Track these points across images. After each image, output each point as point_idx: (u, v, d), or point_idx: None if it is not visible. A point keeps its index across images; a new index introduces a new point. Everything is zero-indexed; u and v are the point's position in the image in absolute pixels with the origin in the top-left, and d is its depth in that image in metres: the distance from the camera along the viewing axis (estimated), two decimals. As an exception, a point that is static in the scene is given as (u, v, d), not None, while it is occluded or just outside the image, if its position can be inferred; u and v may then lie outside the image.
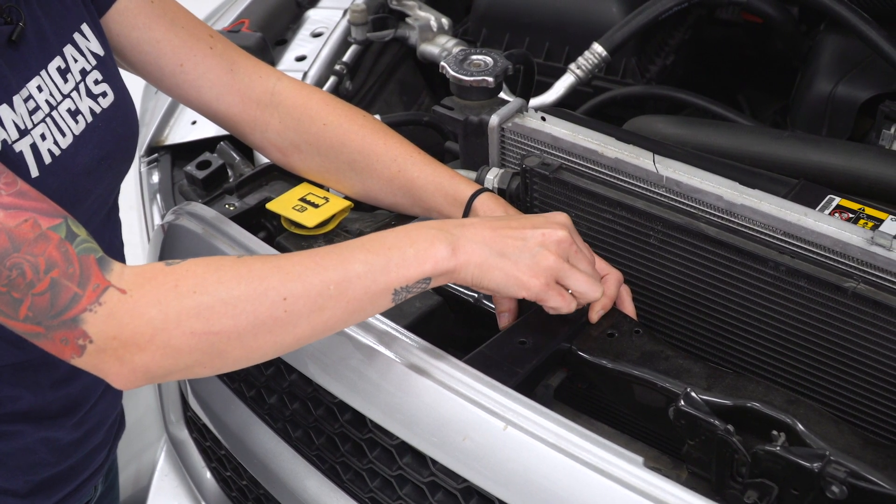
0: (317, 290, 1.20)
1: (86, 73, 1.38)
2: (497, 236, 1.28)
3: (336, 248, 1.24)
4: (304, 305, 1.19)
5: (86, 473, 1.61)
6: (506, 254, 1.28)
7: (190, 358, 1.17)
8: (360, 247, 1.24)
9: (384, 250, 1.23)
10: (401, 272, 1.23)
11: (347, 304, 1.22)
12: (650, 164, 1.45)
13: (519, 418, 1.23)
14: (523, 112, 1.61)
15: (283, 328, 1.20)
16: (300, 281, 1.19)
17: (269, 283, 1.18)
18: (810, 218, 1.33)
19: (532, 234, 1.30)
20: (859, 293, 1.27)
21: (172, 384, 1.89)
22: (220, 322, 1.16)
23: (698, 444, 1.26)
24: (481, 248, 1.27)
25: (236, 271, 1.18)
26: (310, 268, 1.20)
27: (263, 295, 1.17)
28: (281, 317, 1.18)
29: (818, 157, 1.72)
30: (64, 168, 1.31)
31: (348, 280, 1.21)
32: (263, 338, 1.20)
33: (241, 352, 1.20)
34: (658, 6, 1.99)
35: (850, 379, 1.32)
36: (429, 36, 2.15)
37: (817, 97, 2.03)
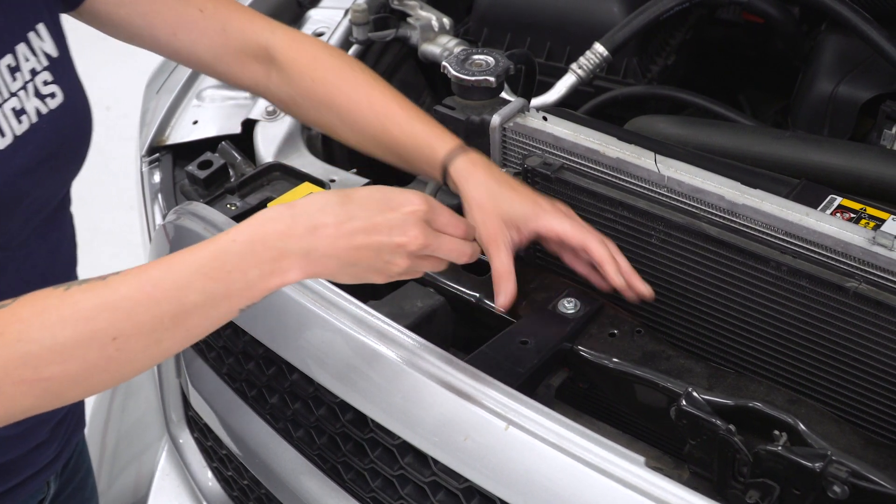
0: (150, 327, 1.12)
1: (36, 73, 1.35)
2: (349, 248, 1.19)
3: (171, 273, 1.13)
4: (138, 343, 1.12)
5: (29, 471, 1.57)
6: (357, 264, 1.21)
7: (26, 402, 1.11)
8: (199, 271, 1.13)
9: (224, 275, 1.13)
10: (244, 294, 1.15)
11: (187, 332, 1.15)
12: (652, 163, 1.45)
13: (521, 418, 1.23)
14: (525, 112, 1.61)
15: (118, 366, 1.13)
16: (130, 320, 1.11)
17: (97, 325, 1.09)
18: (812, 218, 1.34)
19: (386, 243, 1.20)
20: (861, 293, 1.27)
21: (174, 384, 1.89)
22: (48, 369, 1.09)
23: (700, 444, 1.27)
24: (332, 261, 1.19)
25: (61, 314, 1.09)
26: (141, 303, 1.11)
27: (91, 338, 1.09)
28: (113, 356, 1.11)
29: (819, 157, 1.72)
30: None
31: (185, 312, 1.12)
32: (99, 377, 1.13)
33: (78, 391, 1.14)
34: (659, 6, 1.99)
35: (852, 379, 1.32)
36: (430, 36, 2.15)
37: (818, 97, 2.03)
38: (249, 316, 1.50)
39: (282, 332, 1.48)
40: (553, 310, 1.43)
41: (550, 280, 1.50)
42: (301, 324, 1.44)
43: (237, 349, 1.62)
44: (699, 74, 2.50)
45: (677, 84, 2.28)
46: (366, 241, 1.19)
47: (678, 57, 2.33)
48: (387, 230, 1.20)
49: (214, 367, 1.70)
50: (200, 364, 1.74)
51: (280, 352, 1.50)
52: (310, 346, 1.44)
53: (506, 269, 1.43)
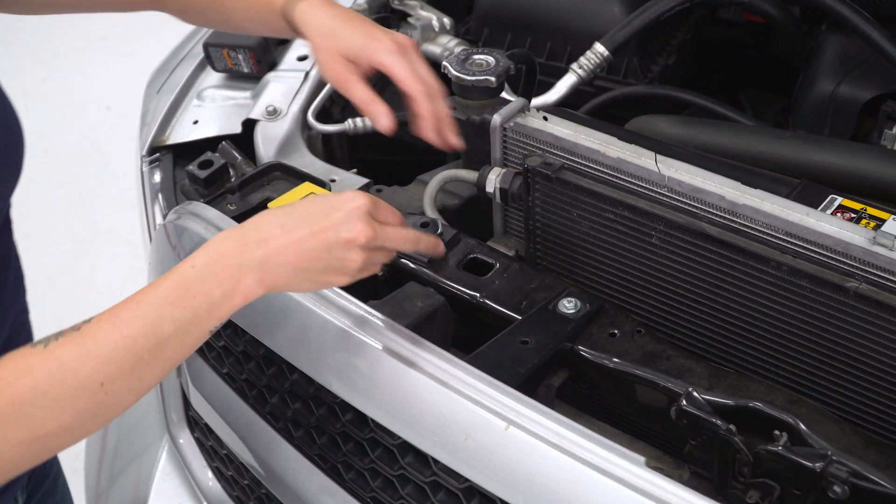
0: (131, 366, 1.15)
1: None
2: (300, 252, 1.23)
3: (141, 309, 1.16)
4: (123, 383, 1.15)
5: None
6: (312, 267, 1.24)
7: (24, 463, 1.14)
8: (166, 302, 1.17)
9: (190, 300, 1.17)
10: (212, 315, 1.19)
11: (165, 363, 1.18)
12: (652, 163, 1.45)
13: (521, 418, 1.23)
14: (525, 112, 1.61)
15: (108, 409, 1.16)
16: (113, 363, 1.13)
17: (84, 375, 1.12)
18: (812, 218, 1.33)
19: (335, 240, 1.24)
20: (861, 293, 1.27)
21: (174, 384, 1.89)
22: (45, 426, 1.12)
23: (700, 444, 1.26)
24: (287, 269, 1.22)
25: (47, 369, 1.12)
26: (120, 344, 1.14)
27: (81, 388, 1.12)
28: (103, 400, 1.14)
29: (820, 157, 1.72)
30: None
31: (161, 345, 1.16)
32: (91, 423, 1.16)
33: (71, 440, 1.16)
34: (660, 6, 1.98)
35: (852, 379, 1.32)
36: (430, 36, 2.15)
37: (819, 97, 2.03)
38: (250, 317, 1.52)
39: (282, 332, 1.48)
40: (553, 310, 1.43)
41: (551, 280, 1.50)
42: (301, 324, 1.44)
43: (237, 349, 1.62)
44: (700, 74, 2.50)
45: (678, 84, 2.28)
46: (315, 243, 1.23)
47: (679, 57, 2.34)
48: (333, 229, 1.25)
49: (215, 368, 1.71)
50: (201, 364, 1.74)
51: (280, 352, 1.50)
52: (310, 346, 1.44)
53: (367, 97, 1.52)
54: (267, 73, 2.04)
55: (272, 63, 2.07)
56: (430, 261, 1.51)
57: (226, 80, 2.09)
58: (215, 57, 2.06)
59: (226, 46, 2.04)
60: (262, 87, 2.02)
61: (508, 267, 1.52)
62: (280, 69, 2.05)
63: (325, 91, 2.00)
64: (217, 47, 2.05)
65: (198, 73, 2.12)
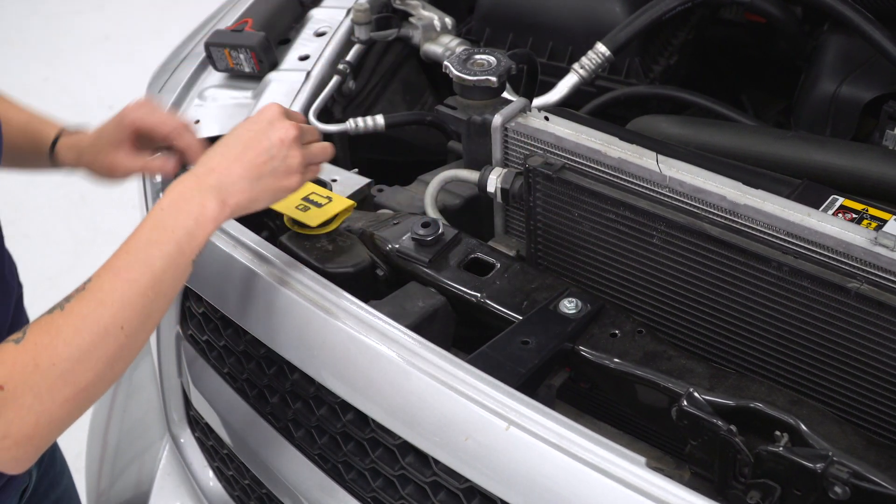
0: (141, 304, 1.26)
1: None
2: (247, 166, 1.36)
3: (132, 255, 1.28)
4: (138, 323, 1.27)
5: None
6: (262, 175, 1.36)
7: (68, 419, 1.24)
8: (149, 243, 1.29)
9: (170, 235, 1.29)
10: (192, 245, 1.31)
11: (166, 298, 1.31)
12: (653, 164, 1.44)
13: (521, 418, 1.23)
14: (526, 112, 1.61)
15: (129, 349, 1.27)
16: (127, 306, 1.25)
17: (106, 322, 1.24)
18: (813, 218, 1.33)
19: (269, 144, 1.38)
20: (862, 293, 1.27)
21: (175, 384, 1.89)
22: (84, 378, 1.22)
23: (701, 445, 1.26)
24: (242, 183, 1.35)
25: (74, 326, 1.23)
26: (126, 289, 1.26)
27: (106, 335, 1.23)
28: (125, 343, 1.25)
29: (822, 157, 1.71)
30: None
31: (159, 281, 1.28)
32: (117, 366, 1.27)
33: (104, 387, 1.27)
34: (661, 6, 1.98)
35: (853, 379, 1.32)
36: (432, 35, 2.15)
37: (821, 97, 2.03)
38: (251, 316, 1.52)
39: (283, 332, 1.48)
40: (554, 310, 1.43)
41: (552, 280, 1.50)
42: (302, 324, 1.44)
43: (238, 349, 1.62)
44: (702, 74, 2.50)
45: (679, 84, 2.27)
46: (254, 153, 1.37)
47: (680, 57, 2.33)
48: (263, 136, 1.39)
49: (216, 367, 1.71)
50: (202, 364, 1.74)
51: (281, 352, 1.50)
52: (311, 346, 1.44)
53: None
54: (268, 73, 2.04)
55: (274, 63, 2.06)
56: (430, 261, 1.51)
57: (227, 79, 2.09)
58: (217, 56, 2.06)
59: (227, 46, 2.04)
60: (263, 86, 2.01)
61: (509, 267, 1.52)
62: (281, 69, 2.05)
63: (327, 91, 2.00)
64: (219, 47, 2.04)
65: (199, 72, 2.12)
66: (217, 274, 1.57)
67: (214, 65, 2.08)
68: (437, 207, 1.69)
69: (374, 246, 1.58)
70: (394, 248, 1.54)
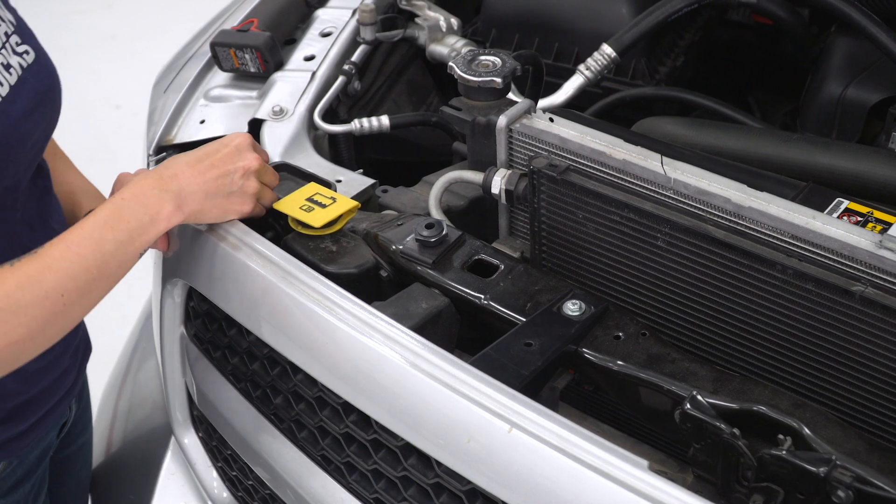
0: (84, 279, 1.36)
1: (9, 36, 1.56)
2: (206, 180, 1.49)
3: (86, 232, 1.39)
4: (78, 295, 1.36)
5: (57, 396, 1.76)
6: (220, 194, 1.50)
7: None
8: (105, 226, 1.40)
9: (125, 223, 1.41)
10: (143, 238, 1.42)
11: (108, 280, 1.40)
12: (658, 166, 1.44)
13: (524, 420, 1.23)
14: (531, 113, 1.61)
15: (65, 318, 1.37)
16: (69, 276, 1.35)
17: (47, 286, 1.33)
18: (818, 221, 1.33)
19: (232, 168, 1.51)
20: (867, 297, 1.26)
21: (179, 383, 1.89)
22: (16, 332, 1.32)
23: (704, 448, 1.26)
24: (198, 195, 1.47)
25: (17, 281, 1.32)
26: (74, 261, 1.36)
27: (45, 297, 1.33)
28: (61, 310, 1.35)
29: (827, 159, 1.71)
30: (5, 113, 1.48)
31: (105, 262, 1.38)
32: (50, 332, 1.37)
33: (34, 350, 1.38)
34: (667, 7, 1.98)
35: (858, 383, 1.32)
36: (438, 36, 2.14)
37: (827, 100, 2.03)
38: (254, 316, 1.51)
39: (286, 333, 1.48)
40: (558, 312, 1.43)
41: (556, 282, 1.50)
42: (305, 325, 1.44)
43: (241, 349, 1.62)
44: (708, 76, 2.50)
45: (686, 86, 2.27)
46: (217, 172, 1.50)
47: (687, 58, 2.33)
48: (229, 159, 1.52)
49: (219, 367, 1.70)
50: (206, 364, 1.74)
51: (284, 352, 1.50)
52: (314, 347, 1.44)
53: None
54: (274, 73, 2.04)
55: (279, 63, 2.06)
56: (434, 262, 1.51)
57: (233, 79, 2.09)
58: (222, 56, 2.06)
59: (233, 46, 2.04)
60: (268, 86, 2.01)
61: (513, 269, 1.52)
62: (287, 69, 2.05)
63: (332, 91, 2.00)
64: (224, 47, 2.05)
65: (205, 72, 2.12)
66: (221, 274, 1.57)
67: (220, 65, 2.08)
68: (442, 209, 1.68)
69: (377, 247, 1.57)
70: (398, 250, 1.54)
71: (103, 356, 2.34)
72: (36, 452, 1.75)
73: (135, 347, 2.39)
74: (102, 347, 2.23)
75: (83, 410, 2.00)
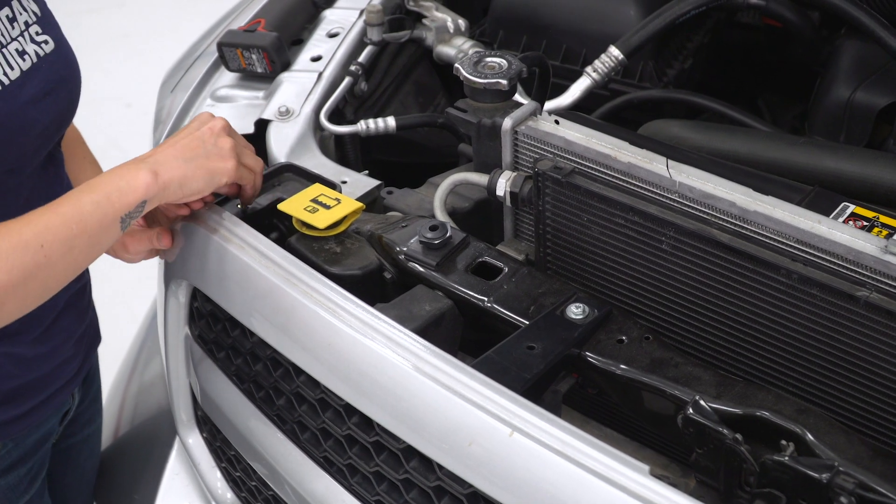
0: (64, 233, 1.37)
1: (29, 25, 1.59)
2: (182, 148, 1.50)
3: (66, 197, 1.41)
4: (59, 247, 1.37)
5: (57, 384, 1.78)
6: (196, 156, 1.50)
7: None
8: (83, 190, 1.42)
9: (102, 188, 1.42)
10: (122, 202, 1.41)
11: (89, 239, 1.40)
12: (663, 169, 1.43)
13: (525, 424, 1.22)
14: (537, 115, 1.60)
15: (47, 272, 1.37)
16: (49, 230, 1.36)
17: (26, 236, 1.35)
18: (824, 225, 1.32)
19: (202, 132, 1.54)
20: (872, 302, 1.25)
21: (184, 383, 1.89)
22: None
23: (707, 453, 1.25)
24: (177, 162, 1.48)
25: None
26: (52, 217, 1.38)
27: (25, 247, 1.34)
28: (42, 262, 1.35)
29: (834, 163, 1.70)
30: (13, 96, 1.51)
31: (83, 219, 1.39)
32: (33, 285, 1.37)
33: (14, 303, 1.37)
34: (675, 10, 1.97)
35: (862, 388, 1.31)
36: (445, 37, 2.14)
37: (835, 103, 2.02)
38: (256, 317, 1.51)
39: (288, 334, 1.48)
40: (561, 315, 1.42)
41: (559, 285, 1.49)
42: (307, 326, 1.44)
43: (245, 350, 1.62)
44: (718, 78, 2.49)
45: (694, 88, 2.27)
46: (186, 141, 1.52)
47: (695, 60, 2.32)
48: (195, 130, 1.54)
49: (223, 368, 1.70)
50: (209, 364, 1.73)
51: (286, 353, 1.49)
52: (315, 348, 1.43)
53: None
54: (280, 74, 2.04)
55: (286, 63, 2.06)
56: (438, 264, 1.51)
57: (239, 79, 2.09)
58: (229, 56, 2.06)
59: (239, 46, 2.04)
60: (275, 87, 2.01)
61: (517, 271, 1.51)
62: (293, 69, 2.05)
63: (338, 92, 2.00)
64: (231, 47, 2.05)
65: (212, 72, 2.12)
66: (224, 274, 1.56)
67: (227, 65, 2.08)
68: (447, 210, 1.68)
69: (382, 248, 1.57)
70: (401, 251, 1.54)
71: (112, 355, 2.35)
72: (35, 437, 1.77)
73: (141, 346, 2.39)
74: (112, 346, 2.23)
75: (91, 401, 2.02)
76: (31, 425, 1.74)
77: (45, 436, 1.81)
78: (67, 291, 1.76)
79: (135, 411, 2.29)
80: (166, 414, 2.05)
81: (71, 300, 1.77)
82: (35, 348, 1.69)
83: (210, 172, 1.51)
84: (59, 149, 1.74)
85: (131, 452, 2.20)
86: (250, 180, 1.58)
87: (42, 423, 1.77)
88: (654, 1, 2.14)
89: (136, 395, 2.32)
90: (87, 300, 1.88)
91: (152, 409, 2.20)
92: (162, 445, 2.07)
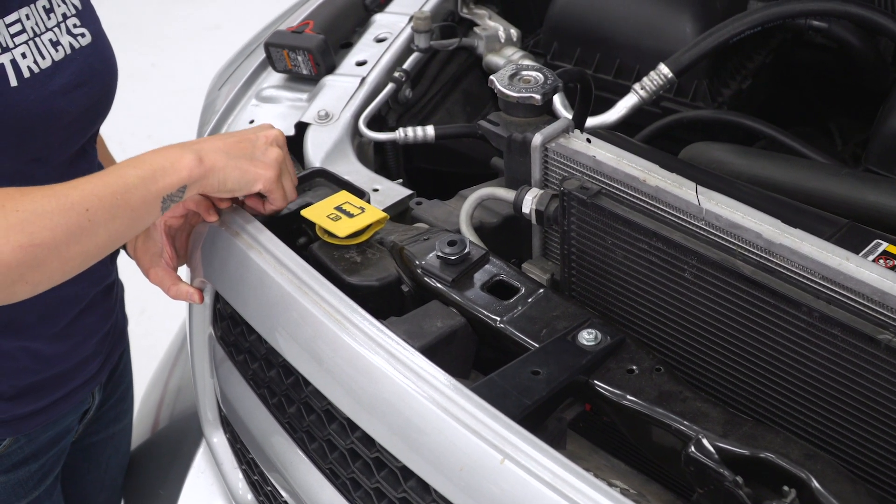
0: (109, 201, 1.38)
1: (66, 17, 1.61)
2: (230, 144, 1.51)
3: (111, 169, 1.43)
4: (102, 214, 1.38)
5: (75, 382, 1.79)
6: (241, 155, 1.50)
7: (17, 270, 1.32)
8: (128, 165, 1.44)
9: (147, 166, 1.43)
10: (165, 180, 1.42)
11: (133, 213, 1.41)
12: (692, 194, 1.39)
13: (517, 453, 1.19)
14: (569, 132, 1.56)
15: (89, 236, 1.38)
16: (95, 195, 1.38)
17: (73, 199, 1.36)
18: (852, 263, 1.26)
19: (256, 136, 1.54)
20: (893, 346, 1.19)
21: (209, 383, 1.89)
22: (40, 235, 1.33)
23: (707, 494, 1.22)
24: (221, 155, 1.48)
25: (43, 192, 1.36)
26: (98, 184, 1.39)
27: (70, 208, 1.35)
28: (86, 226, 1.36)
29: (875, 197, 1.63)
30: (41, 84, 1.53)
31: (128, 191, 1.40)
32: (75, 247, 1.37)
33: (56, 261, 1.37)
34: (728, 29, 1.92)
35: (876, 436, 1.25)
36: (496, 47, 2.11)
37: (891, 133, 1.94)
38: (267, 323, 1.50)
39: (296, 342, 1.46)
40: (572, 340, 1.38)
41: (575, 309, 1.45)
42: (313, 336, 1.42)
43: (260, 355, 1.61)
44: (784, 99, 2.42)
45: (757, 109, 2.20)
46: (238, 139, 1.53)
47: (756, 81, 2.25)
48: (251, 133, 1.56)
49: (241, 371, 1.69)
50: (230, 366, 1.73)
51: (292, 361, 1.48)
52: (320, 359, 1.42)
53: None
54: (325, 76, 2.03)
55: (331, 66, 2.05)
56: (453, 280, 1.48)
57: (285, 80, 2.08)
58: (276, 57, 2.05)
59: (286, 47, 2.03)
60: (318, 90, 2.00)
61: (533, 292, 1.48)
62: (338, 73, 2.04)
63: (380, 98, 1.98)
64: (278, 48, 2.04)
65: (259, 71, 2.12)
66: (240, 278, 1.55)
67: (273, 65, 2.08)
68: (474, 225, 1.65)
69: (402, 261, 1.55)
70: (419, 265, 1.51)
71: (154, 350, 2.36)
72: (50, 434, 1.77)
73: (182, 343, 2.40)
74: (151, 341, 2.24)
75: (118, 400, 2.03)
76: (46, 422, 1.74)
77: (61, 433, 1.82)
78: (93, 288, 1.76)
79: (173, 408, 2.30)
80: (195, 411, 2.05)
81: (96, 298, 1.78)
82: (54, 345, 1.70)
83: (244, 174, 1.50)
84: (92, 146, 1.75)
85: (163, 448, 2.21)
86: (278, 200, 1.57)
87: (58, 420, 1.78)
88: (713, 18, 2.08)
89: (175, 391, 2.33)
90: (113, 300, 1.88)
91: (187, 406, 2.20)
92: (191, 443, 2.08)
